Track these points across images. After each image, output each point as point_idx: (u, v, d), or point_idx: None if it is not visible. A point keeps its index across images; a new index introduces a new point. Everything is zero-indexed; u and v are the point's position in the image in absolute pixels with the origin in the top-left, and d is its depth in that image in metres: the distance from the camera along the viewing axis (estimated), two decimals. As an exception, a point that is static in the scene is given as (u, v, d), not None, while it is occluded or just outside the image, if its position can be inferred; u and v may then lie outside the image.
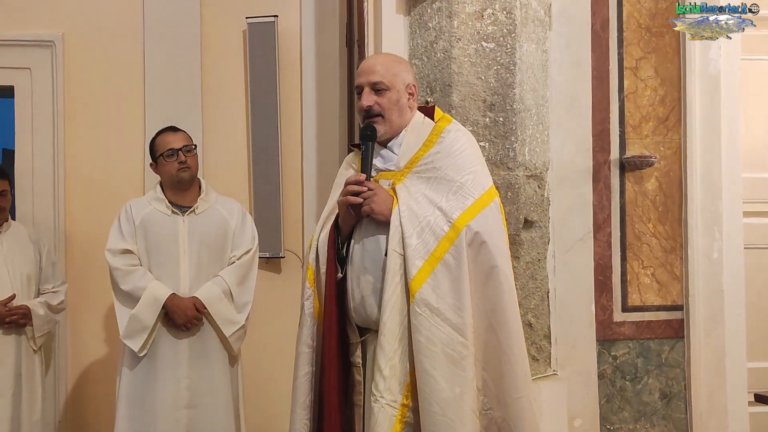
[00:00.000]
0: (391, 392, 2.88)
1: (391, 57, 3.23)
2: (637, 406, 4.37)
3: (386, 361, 2.88)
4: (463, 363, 2.87)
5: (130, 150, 5.06)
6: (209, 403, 4.10)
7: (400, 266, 2.90)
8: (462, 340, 2.87)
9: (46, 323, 4.55)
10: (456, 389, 2.85)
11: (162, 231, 4.15)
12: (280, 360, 5.14)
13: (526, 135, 3.98)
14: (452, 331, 2.86)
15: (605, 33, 4.36)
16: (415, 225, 2.91)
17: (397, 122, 3.05)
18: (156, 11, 5.17)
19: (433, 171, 2.99)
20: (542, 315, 4.09)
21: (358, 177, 2.99)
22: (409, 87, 3.08)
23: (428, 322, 2.86)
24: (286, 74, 5.17)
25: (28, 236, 4.70)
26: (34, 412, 4.52)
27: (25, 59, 5.16)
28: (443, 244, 2.89)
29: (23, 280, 4.55)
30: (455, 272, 2.88)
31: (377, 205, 2.95)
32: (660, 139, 4.41)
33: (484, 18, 3.94)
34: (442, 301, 2.87)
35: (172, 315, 4.03)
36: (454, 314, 2.86)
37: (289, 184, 5.20)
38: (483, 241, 2.90)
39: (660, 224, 4.41)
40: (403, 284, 2.89)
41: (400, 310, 2.89)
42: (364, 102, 3.04)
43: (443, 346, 2.86)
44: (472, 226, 2.89)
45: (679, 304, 4.41)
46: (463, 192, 2.94)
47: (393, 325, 2.89)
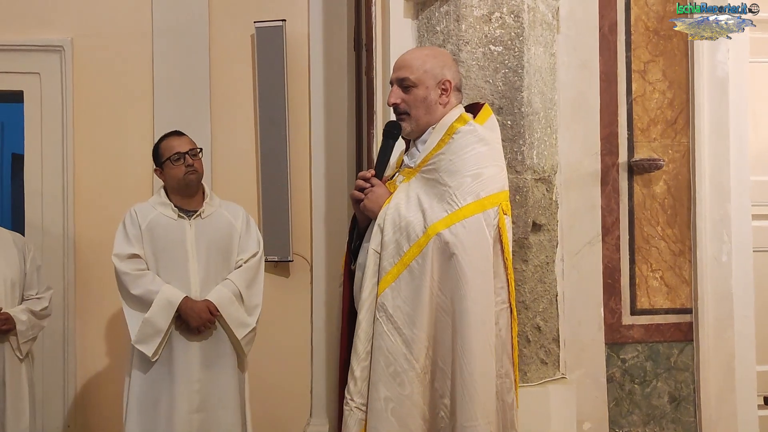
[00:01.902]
0: (361, 395, 2.85)
1: (427, 51, 3.16)
2: (646, 410, 4.36)
3: (358, 363, 2.86)
4: (403, 378, 2.80)
5: (138, 154, 5.07)
6: (219, 406, 4.10)
7: (377, 266, 2.87)
8: (406, 353, 2.80)
9: (30, 329, 4.40)
10: (390, 404, 2.80)
11: (169, 235, 4.15)
12: (287, 363, 5.18)
13: (534, 138, 3.98)
14: (400, 342, 2.80)
15: (613, 36, 4.36)
16: (395, 225, 2.87)
17: (424, 119, 3.00)
18: (165, 16, 5.19)
19: (433, 173, 2.93)
20: (551, 318, 4.08)
21: (366, 173, 3.01)
22: (442, 83, 2.99)
23: (382, 327, 2.82)
24: (294, 78, 5.18)
25: (12, 241, 4.54)
26: (21, 421, 4.40)
27: (35, 64, 5.19)
28: (413, 249, 2.83)
29: (7, 287, 4.40)
30: (417, 281, 2.82)
31: (369, 202, 2.96)
32: (668, 142, 4.41)
33: (492, 21, 3.94)
34: (398, 310, 2.82)
35: (187, 318, 4.02)
36: (406, 325, 2.80)
37: (298, 188, 5.21)
38: (452, 253, 2.80)
39: (668, 227, 4.40)
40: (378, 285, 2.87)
41: (372, 311, 2.86)
42: (390, 99, 3.02)
43: (388, 354, 2.81)
44: (443, 235, 2.81)
45: (687, 307, 4.40)
46: (450, 198, 2.85)
47: (367, 325, 2.86)
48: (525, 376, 3.95)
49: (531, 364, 3.98)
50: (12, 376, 4.39)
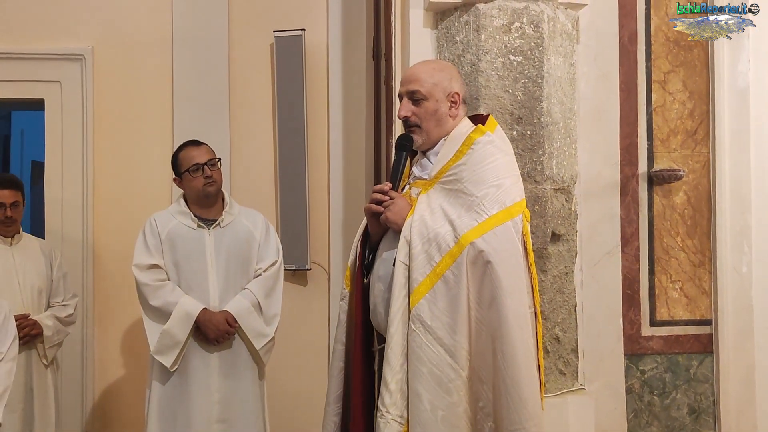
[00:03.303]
0: (396, 407, 2.85)
1: (433, 65, 3.18)
2: (666, 422, 4.33)
3: (392, 375, 2.85)
4: (450, 386, 2.82)
5: (158, 163, 5.09)
6: (240, 416, 4.10)
7: (406, 278, 2.87)
8: (451, 362, 2.81)
9: (55, 334, 4.48)
10: (438, 412, 2.81)
11: (189, 245, 4.15)
12: (306, 372, 5.18)
13: (554, 148, 3.97)
14: (443, 351, 2.81)
15: (633, 46, 4.35)
16: (423, 237, 2.87)
17: (435, 132, 3.02)
18: (185, 25, 5.22)
19: (455, 183, 2.94)
20: (570, 329, 4.07)
21: (383, 186, 3.01)
22: (451, 95, 3.02)
23: (420, 339, 2.82)
24: (313, 87, 5.19)
25: (40, 248, 4.64)
26: (47, 426, 4.47)
27: (56, 73, 5.22)
28: (446, 260, 2.83)
29: (34, 294, 4.49)
30: (454, 290, 2.83)
31: (392, 214, 2.95)
32: (688, 153, 4.39)
33: (512, 31, 3.94)
34: (437, 320, 2.82)
35: (205, 330, 4.03)
36: (447, 335, 2.81)
37: (316, 197, 5.22)
38: (488, 261, 2.81)
39: (688, 238, 4.38)
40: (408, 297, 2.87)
41: (406, 323, 2.86)
42: (401, 112, 3.03)
43: (432, 366, 2.81)
44: (476, 244, 2.82)
45: (707, 318, 4.38)
46: (478, 207, 2.87)
47: (400, 338, 2.86)
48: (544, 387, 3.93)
49: (550, 374, 3.97)
50: (39, 383, 4.47)
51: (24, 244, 4.61)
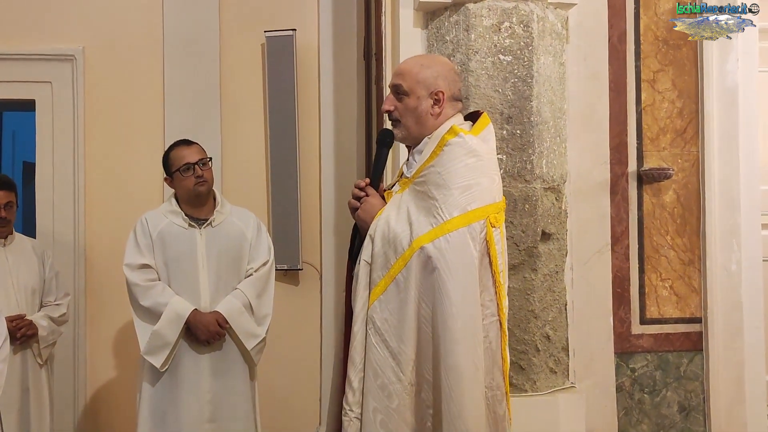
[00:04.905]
0: (359, 405, 2.83)
1: (422, 60, 3.10)
2: (656, 419, 4.35)
3: (355, 374, 2.84)
4: (390, 390, 2.78)
5: (149, 163, 5.08)
6: (231, 416, 4.10)
7: (368, 277, 2.86)
8: (394, 366, 2.78)
9: (50, 334, 4.50)
10: (378, 416, 2.78)
11: (180, 245, 4.14)
12: (298, 372, 5.18)
13: (544, 147, 3.98)
14: (388, 355, 2.79)
15: (622, 45, 4.37)
16: (384, 238, 2.84)
17: (415, 129, 2.96)
18: (175, 25, 5.21)
19: (422, 185, 2.88)
20: (560, 327, 4.08)
21: (361, 181, 3.00)
22: (434, 93, 2.93)
23: (371, 340, 2.80)
24: (304, 87, 5.20)
25: (32, 248, 4.65)
26: (42, 425, 4.49)
27: (46, 73, 5.20)
28: (399, 262, 2.80)
29: (28, 294, 4.51)
30: (402, 294, 2.79)
31: (362, 212, 2.95)
32: (678, 152, 4.41)
33: (501, 31, 3.95)
34: (386, 323, 2.80)
35: (195, 331, 4.02)
36: (393, 338, 2.78)
37: (307, 197, 5.22)
38: (434, 267, 2.75)
39: (678, 236, 4.40)
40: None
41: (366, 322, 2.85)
42: (384, 105, 3.01)
43: (377, 367, 2.79)
44: (426, 249, 2.76)
45: (697, 316, 4.40)
46: (435, 211, 2.80)
47: (362, 337, 2.84)
48: (534, 385, 3.95)
49: (540, 373, 3.98)
50: (34, 382, 4.48)
51: (17, 244, 4.61)
